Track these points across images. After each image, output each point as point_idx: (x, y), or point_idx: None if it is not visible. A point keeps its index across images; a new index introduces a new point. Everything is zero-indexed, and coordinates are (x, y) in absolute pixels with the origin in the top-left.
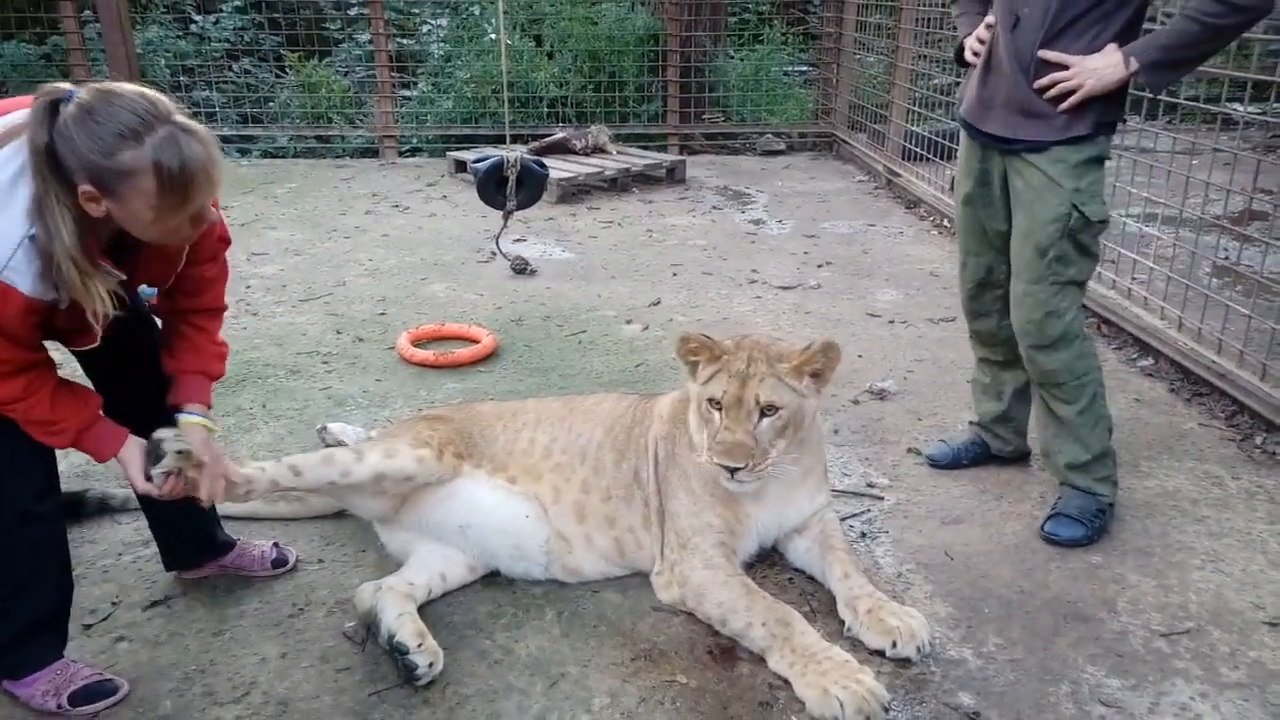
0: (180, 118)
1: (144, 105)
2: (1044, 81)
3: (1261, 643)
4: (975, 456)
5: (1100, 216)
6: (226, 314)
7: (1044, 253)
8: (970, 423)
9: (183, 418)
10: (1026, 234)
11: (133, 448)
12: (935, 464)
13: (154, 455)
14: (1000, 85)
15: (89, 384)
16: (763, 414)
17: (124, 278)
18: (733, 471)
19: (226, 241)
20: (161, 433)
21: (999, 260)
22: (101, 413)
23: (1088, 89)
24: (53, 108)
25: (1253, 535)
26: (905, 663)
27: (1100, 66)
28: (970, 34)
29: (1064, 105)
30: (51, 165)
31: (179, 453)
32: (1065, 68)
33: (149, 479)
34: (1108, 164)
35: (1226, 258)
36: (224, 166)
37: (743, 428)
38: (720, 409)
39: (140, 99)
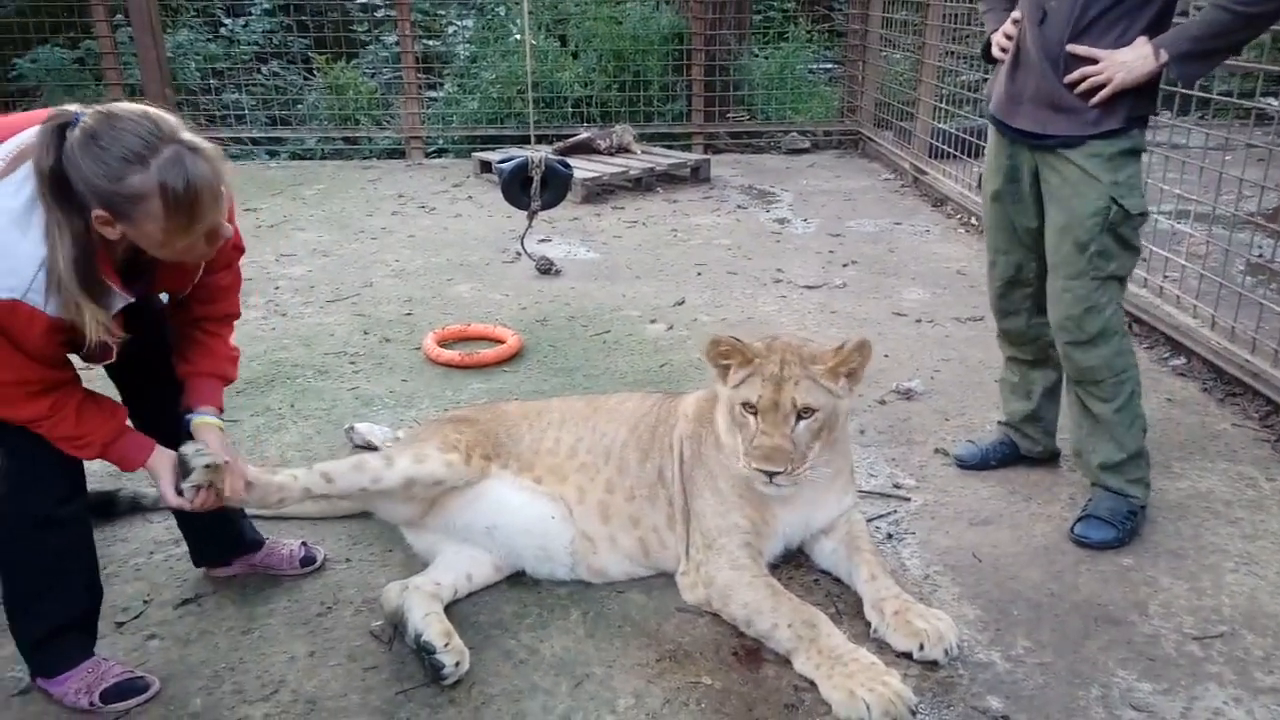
0: (186, 134)
1: (147, 127)
2: (1074, 76)
3: None
4: (1004, 457)
5: (1139, 209)
6: (256, 315)
7: (1084, 248)
8: (999, 423)
9: (196, 419)
10: (1064, 229)
11: (162, 458)
12: (963, 464)
13: (183, 471)
14: (1029, 80)
15: (115, 394)
16: (799, 417)
17: (131, 299)
18: (771, 476)
19: (240, 250)
20: (186, 448)
21: (1029, 258)
22: (128, 424)
23: (1117, 82)
24: (60, 131)
25: None
26: (933, 665)
27: (1129, 59)
28: (997, 29)
29: (1095, 99)
30: (57, 190)
31: (207, 467)
32: (1094, 62)
33: (180, 493)
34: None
35: (1260, 255)
36: (232, 183)
37: (780, 431)
38: (755, 413)
39: (144, 120)
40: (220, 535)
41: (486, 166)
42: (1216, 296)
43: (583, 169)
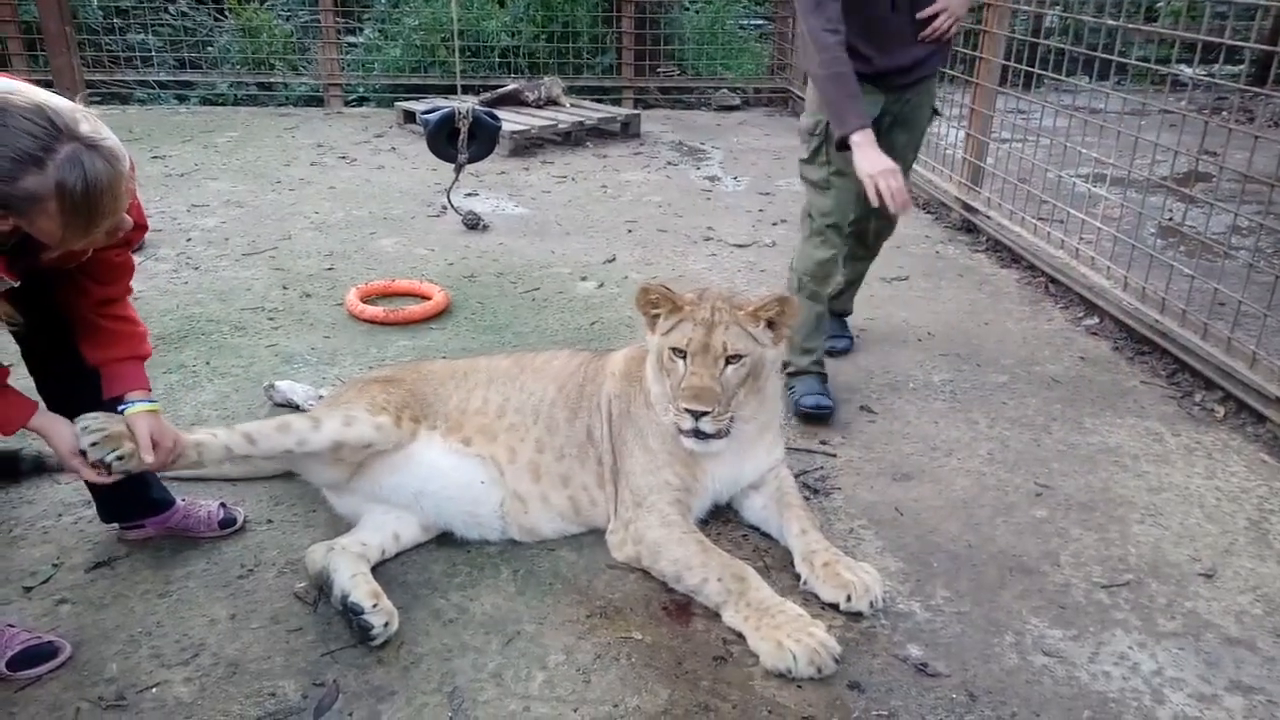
0: (85, 129)
1: (42, 125)
2: (929, 33)
3: (1197, 594)
4: (843, 324)
5: None
6: (167, 268)
7: (918, 148)
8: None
9: (129, 410)
10: (910, 140)
11: (49, 421)
12: (846, 352)
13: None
14: (896, 46)
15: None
16: (728, 362)
17: (15, 284)
18: (698, 417)
19: (144, 228)
20: (83, 421)
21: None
22: (9, 383)
23: (959, 16)
24: None
25: (1190, 490)
26: (858, 616)
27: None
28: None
29: (947, 36)
30: None
31: (95, 445)
32: (936, 17)
33: (98, 466)
34: (1059, 124)
35: (1171, 218)
36: (132, 178)
37: (709, 373)
38: (684, 356)
39: (38, 116)
40: (125, 493)
41: (410, 117)
42: (1129, 258)
43: (510, 121)
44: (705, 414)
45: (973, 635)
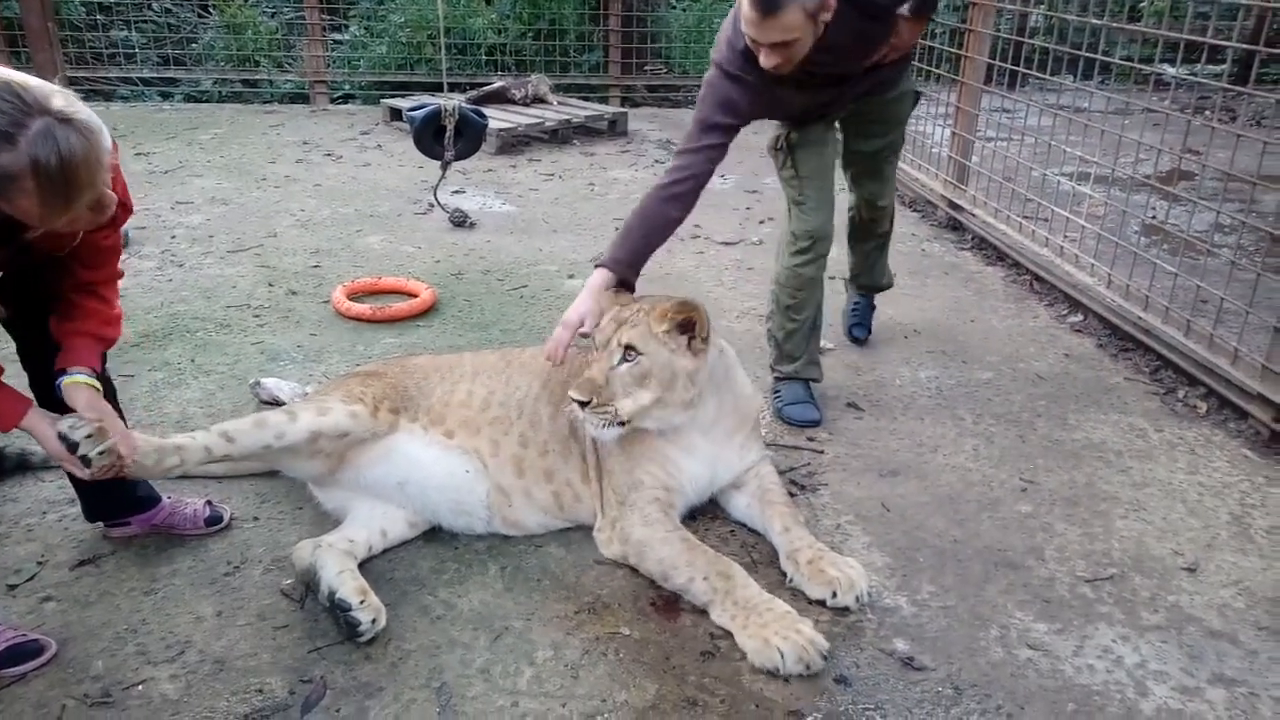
0: (57, 103)
1: (10, 101)
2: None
3: (1180, 588)
4: (869, 309)
5: None
6: (151, 265)
7: (902, 137)
8: (848, 281)
9: (66, 379)
10: (887, 129)
11: (45, 421)
12: (862, 340)
13: (69, 447)
14: (836, 100)
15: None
16: (624, 358)
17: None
18: (583, 405)
19: (129, 210)
20: (62, 426)
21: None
22: (3, 381)
23: (907, 49)
24: None
25: (1173, 485)
26: (844, 611)
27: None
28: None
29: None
30: None
31: (89, 437)
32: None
33: (86, 463)
34: (1043, 123)
35: (1154, 217)
36: (109, 151)
37: (600, 366)
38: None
39: (6, 92)
40: (111, 490)
41: (396, 114)
42: (1113, 256)
43: (497, 119)
44: (585, 403)
45: (958, 629)
